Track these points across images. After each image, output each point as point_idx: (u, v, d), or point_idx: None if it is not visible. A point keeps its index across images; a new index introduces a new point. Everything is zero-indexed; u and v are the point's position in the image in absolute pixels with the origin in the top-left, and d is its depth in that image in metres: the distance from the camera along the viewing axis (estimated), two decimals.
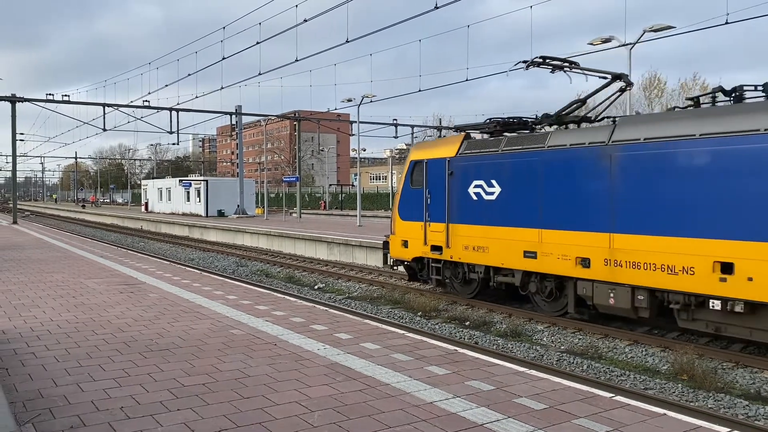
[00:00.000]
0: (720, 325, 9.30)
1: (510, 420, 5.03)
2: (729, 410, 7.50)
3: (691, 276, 9.25)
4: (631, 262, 10.06)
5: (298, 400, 5.47)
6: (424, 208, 14.23)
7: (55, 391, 5.65)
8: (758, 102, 9.37)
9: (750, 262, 8.52)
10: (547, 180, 11.48)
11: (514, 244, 12.08)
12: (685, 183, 9.41)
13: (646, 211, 9.87)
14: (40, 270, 14.59)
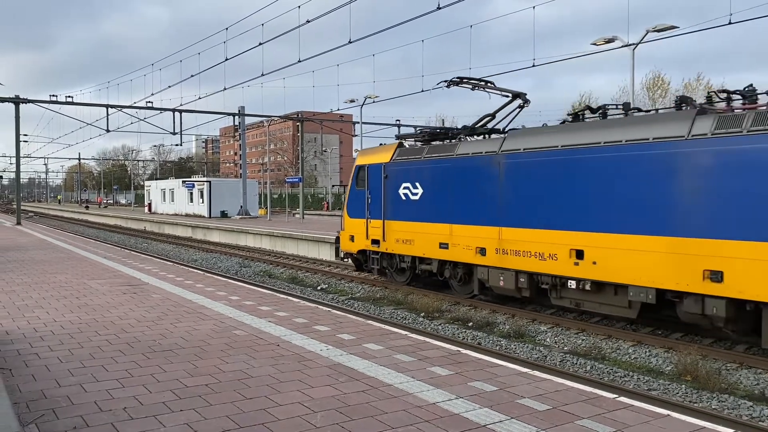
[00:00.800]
0: (578, 301, 11.45)
1: (513, 421, 5.02)
2: (733, 411, 7.47)
3: (555, 261, 11.52)
4: (514, 251, 12.33)
5: (301, 400, 5.47)
6: (366, 207, 16.34)
7: (58, 391, 5.66)
8: (600, 120, 11.78)
9: (594, 249, 10.79)
10: (456, 182, 13.64)
11: (432, 237, 14.27)
12: (550, 185, 11.58)
13: (524, 208, 12.12)
14: (43, 271, 14.62)
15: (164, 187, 59.88)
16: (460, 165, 13.60)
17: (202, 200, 49.74)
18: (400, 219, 15.21)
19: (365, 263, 16.90)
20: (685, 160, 9.66)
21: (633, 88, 26.48)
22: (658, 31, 22.43)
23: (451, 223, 13.71)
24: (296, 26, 22.15)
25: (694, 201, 9.56)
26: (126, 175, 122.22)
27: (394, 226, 15.37)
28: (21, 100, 34.43)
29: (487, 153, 12.96)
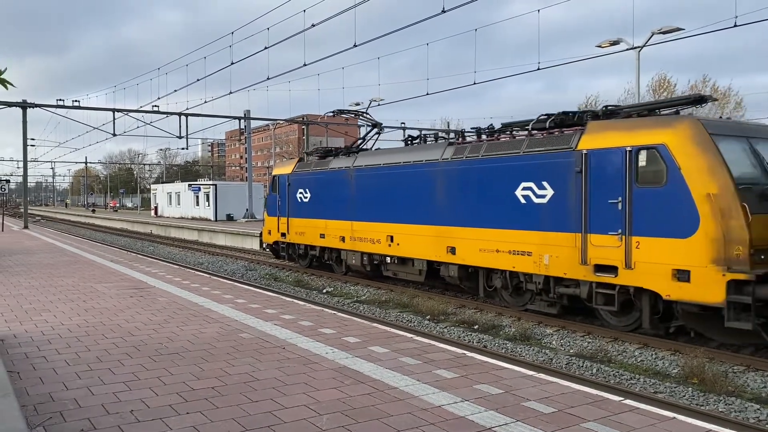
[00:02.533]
0: (395, 271, 16.03)
1: (519, 423, 5.02)
2: (740, 414, 7.44)
3: (380, 244, 16.02)
4: (360, 238, 16.80)
5: (307, 403, 5.48)
6: (277, 208, 20.95)
7: (65, 394, 5.69)
8: (408, 146, 16.66)
9: (398, 235, 15.38)
10: (328, 189, 18.27)
11: (316, 230, 18.74)
12: (377, 191, 16.15)
13: (364, 207, 16.59)
14: (50, 274, 14.69)
15: (170, 191, 60.06)
16: (331, 176, 18.23)
17: (208, 203, 49.88)
18: (297, 216, 19.79)
19: (279, 252, 21.41)
20: (439, 174, 14.20)
21: (638, 90, 26.43)
22: (663, 33, 22.40)
23: (326, 219, 18.31)
24: (302, 30, 22.23)
25: (442, 201, 14.08)
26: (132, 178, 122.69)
27: (294, 222, 19.99)
28: (28, 104, 34.60)
29: (345, 167, 17.56)
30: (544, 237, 11.64)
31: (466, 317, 12.85)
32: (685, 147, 9.64)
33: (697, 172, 9.47)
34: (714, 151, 9.46)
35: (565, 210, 11.25)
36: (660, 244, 9.80)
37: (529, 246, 11.92)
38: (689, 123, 9.93)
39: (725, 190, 9.22)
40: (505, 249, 12.42)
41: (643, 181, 10.08)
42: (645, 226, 10.01)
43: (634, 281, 10.18)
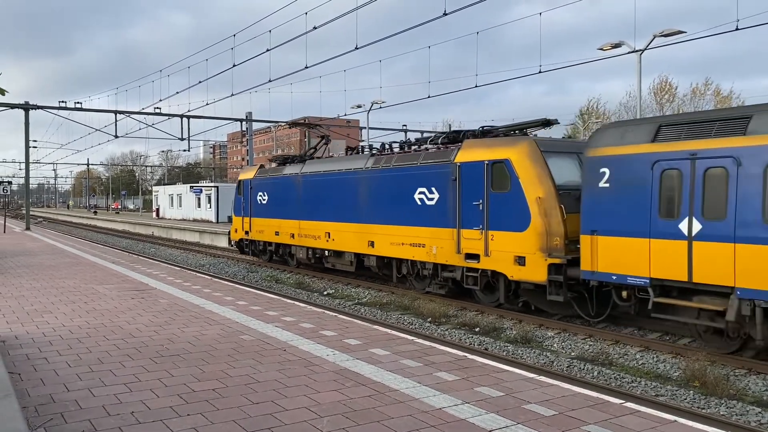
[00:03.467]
0: (333, 263, 18.42)
1: (519, 426, 5.02)
2: (741, 417, 7.43)
3: (320, 240, 18.53)
4: (305, 235, 19.31)
5: (308, 405, 5.48)
6: (242, 209, 23.51)
7: (66, 396, 5.70)
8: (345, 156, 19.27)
9: (334, 232, 17.78)
10: (281, 192, 20.78)
11: (272, 228, 21.32)
12: (318, 194, 18.62)
13: (308, 208, 19.09)
14: (52, 276, 14.71)
15: (172, 193, 60.13)
16: (284, 181, 20.73)
17: (210, 205, 49.93)
18: (258, 216, 22.31)
19: (244, 248, 23.90)
20: (362, 180, 16.75)
21: (640, 93, 26.43)
22: (665, 36, 22.39)
23: (280, 218, 20.74)
24: (303, 32, 22.25)
25: (364, 203, 16.57)
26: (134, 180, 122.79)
27: (255, 221, 22.52)
28: (30, 106, 34.66)
29: (295, 174, 20.11)
30: (433, 232, 14.34)
31: (467, 320, 12.85)
32: (523, 161, 12.24)
33: (529, 180, 12.04)
34: (542, 164, 12.05)
35: (446, 210, 13.91)
36: (506, 236, 12.48)
37: (423, 239, 14.61)
38: (527, 143, 12.53)
39: (549, 194, 11.81)
40: (408, 242, 15.12)
41: (495, 187, 12.74)
42: (497, 222, 12.68)
43: (491, 266, 12.90)
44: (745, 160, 8.91)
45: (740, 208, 8.94)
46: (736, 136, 9.12)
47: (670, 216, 9.80)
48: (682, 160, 9.67)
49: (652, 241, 9.98)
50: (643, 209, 10.11)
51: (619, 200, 10.47)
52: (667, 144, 9.92)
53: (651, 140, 10.18)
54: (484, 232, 12.86)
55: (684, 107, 47.24)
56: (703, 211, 9.40)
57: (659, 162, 9.96)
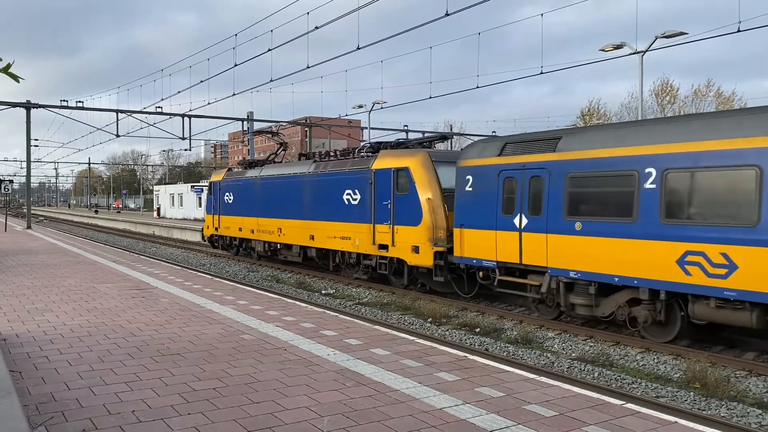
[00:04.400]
0: (284, 254, 21.12)
1: (520, 426, 5.02)
2: (742, 419, 7.43)
3: (273, 234, 21.28)
4: (262, 230, 21.97)
5: (308, 405, 5.48)
6: (212, 207, 26.27)
7: (67, 394, 5.70)
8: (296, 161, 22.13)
9: (284, 227, 20.53)
10: (244, 193, 23.52)
11: (237, 225, 24.09)
12: (272, 195, 21.24)
13: (265, 207, 21.71)
14: (53, 274, 14.72)
15: (173, 192, 60.17)
16: (246, 183, 23.45)
17: None
18: (225, 214, 25.08)
19: (215, 243, 26.73)
20: (305, 183, 19.47)
21: (641, 95, 26.43)
22: (667, 38, 22.39)
23: (243, 216, 23.43)
24: (305, 32, 22.26)
25: (307, 202, 19.20)
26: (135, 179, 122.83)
27: (223, 219, 25.30)
28: (32, 105, 34.69)
29: (255, 176, 22.82)
30: (356, 227, 16.97)
31: (467, 320, 12.85)
32: (418, 169, 15.06)
33: (422, 184, 14.87)
34: (433, 172, 14.90)
35: (366, 208, 16.63)
36: (406, 230, 15.17)
37: (349, 233, 17.24)
38: (422, 154, 15.40)
39: (436, 196, 14.65)
40: (339, 236, 17.73)
41: (399, 190, 15.48)
42: (400, 218, 15.41)
43: (396, 254, 15.62)
44: (553, 171, 11.56)
45: (550, 207, 11.60)
46: (549, 152, 11.76)
47: (509, 213, 12.45)
48: (516, 170, 12.35)
49: (498, 233, 12.69)
50: (492, 208, 12.79)
51: (478, 201, 13.15)
52: (509, 158, 12.60)
53: (498, 154, 12.87)
54: (392, 226, 15.64)
55: (686, 109, 47.21)
56: (528, 209, 12.05)
57: (503, 171, 12.65)
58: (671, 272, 9.66)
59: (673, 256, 9.64)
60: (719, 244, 9.09)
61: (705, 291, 9.31)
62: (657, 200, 9.88)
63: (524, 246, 12.00)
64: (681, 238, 9.54)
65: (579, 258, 11.03)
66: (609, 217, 10.65)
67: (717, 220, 9.19)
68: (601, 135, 11.31)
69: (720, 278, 9.09)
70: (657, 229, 9.86)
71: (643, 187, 10.08)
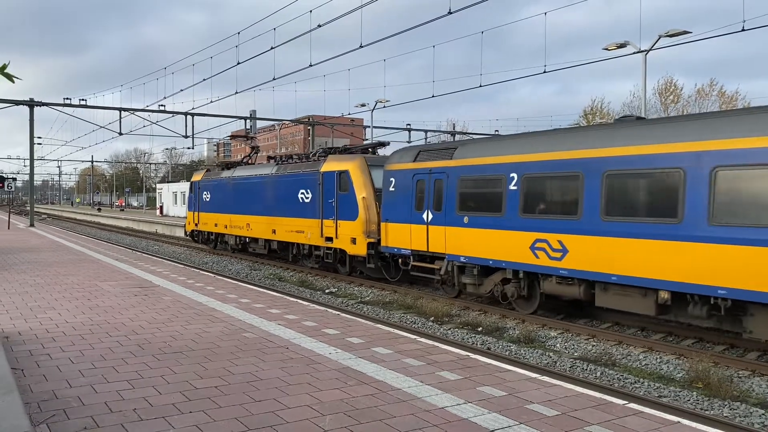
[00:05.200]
0: (252, 247, 23.51)
1: (522, 426, 5.01)
2: (745, 419, 7.40)
3: (243, 229, 23.58)
4: (233, 225, 24.49)
5: (310, 403, 5.48)
6: (193, 205, 28.86)
7: (69, 392, 5.70)
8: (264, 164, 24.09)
9: (252, 223, 22.73)
10: (218, 192, 26.02)
11: (212, 221, 26.59)
12: (242, 194, 23.50)
13: (235, 205, 24.04)
14: (55, 272, 14.74)
15: (176, 190, 60.19)
16: (221, 183, 25.95)
17: None
18: (203, 211, 27.61)
19: (195, 238, 29.34)
20: (269, 183, 21.91)
21: (645, 94, 26.36)
22: (670, 37, 22.32)
23: (218, 213, 25.96)
24: (307, 30, 22.25)
25: (270, 200, 21.64)
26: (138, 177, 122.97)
27: (202, 215, 27.83)
28: (35, 102, 34.74)
29: (228, 177, 25.37)
30: (308, 222, 19.44)
31: (470, 319, 12.83)
32: (356, 172, 17.52)
33: (359, 185, 17.31)
34: (367, 174, 17.35)
35: (316, 206, 19.08)
36: (347, 224, 17.55)
37: (303, 228, 19.73)
38: (360, 159, 17.84)
39: (369, 195, 17.03)
40: (295, 230, 20.16)
41: (341, 189, 17.87)
42: (342, 214, 17.78)
43: (339, 245, 18.06)
44: (450, 174, 14.02)
45: (447, 204, 14.01)
46: (448, 159, 14.22)
47: (420, 209, 14.82)
48: (425, 173, 14.80)
49: (412, 226, 15.07)
50: (408, 205, 15.17)
51: (398, 199, 15.54)
52: (420, 163, 15.04)
53: (413, 160, 15.34)
54: (335, 221, 18.06)
55: (689, 108, 47.08)
56: (433, 206, 14.42)
57: (416, 174, 15.07)
58: (527, 256, 12.11)
59: (527, 243, 12.09)
60: (557, 233, 11.51)
61: (548, 270, 11.73)
62: (517, 198, 12.31)
63: (430, 237, 14.57)
64: (533, 229, 11.96)
65: (466, 246, 13.52)
66: (486, 212, 13.10)
67: (556, 214, 11.64)
68: (483, 146, 13.99)
69: (557, 260, 11.54)
70: (517, 222, 12.29)
71: (508, 188, 12.56)
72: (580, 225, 11.06)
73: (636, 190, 10.48)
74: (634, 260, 10.23)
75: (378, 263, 16.92)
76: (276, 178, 21.42)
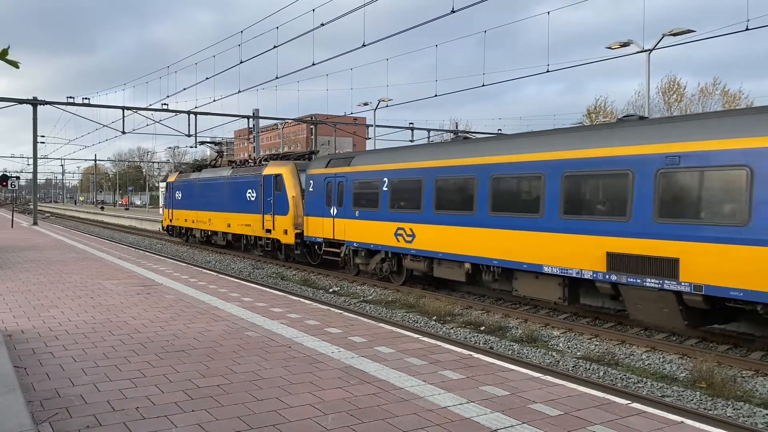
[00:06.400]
0: (214, 240, 27.64)
1: (525, 426, 4.99)
2: (748, 419, 7.38)
3: (206, 224, 27.57)
4: (199, 221, 28.36)
5: (312, 402, 5.47)
6: (168, 203, 32.67)
7: (72, 390, 5.71)
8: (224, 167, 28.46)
9: (213, 219, 26.86)
10: (188, 191, 29.61)
11: (183, 216, 30.21)
12: (205, 193, 27.76)
13: (200, 203, 28.05)
14: (59, 271, 14.76)
15: None
16: (189, 183, 29.88)
17: None
18: (176, 209, 31.35)
19: (170, 233, 32.96)
20: (225, 184, 25.79)
21: (648, 93, 26.31)
22: (674, 36, 22.26)
23: (187, 210, 29.85)
24: (311, 29, 22.24)
25: (226, 199, 25.18)
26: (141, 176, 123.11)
27: (174, 212, 31.59)
28: (39, 101, 34.80)
29: (194, 179, 29.47)
30: (254, 217, 23.16)
31: (472, 318, 12.82)
32: (287, 175, 21.40)
33: (289, 186, 21.16)
34: (297, 177, 21.18)
35: (259, 203, 22.77)
36: (281, 218, 21.36)
37: (250, 221, 23.54)
38: (291, 165, 21.74)
39: (297, 194, 20.80)
40: (244, 223, 24.05)
41: (276, 190, 21.68)
42: (278, 210, 21.57)
43: (275, 236, 21.83)
44: (348, 178, 17.72)
45: (345, 201, 17.72)
46: (347, 166, 17.91)
47: (329, 206, 18.39)
48: (332, 177, 18.40)
49: (324, 219, 18.65)
50: (322, 202, 18.77)
51: (315, 198, 19.16)
52: (330, 169, 18.65)
53: (325, 166, 18.91)
54: (273, 216, 21.83)
55: (692, 107, 46.99)
56: (337, 203, 18.05)
57: (326, 178, 18.70)
58: (393, 241, 15.99)
59: (392, 231, 15.97)
60: (409, 223, 15.36)
61: (405, 251, 15.64)
62: (387, 197, 16.19)
63: (336, 227, 18.20)
64: (395, 220, 15.87)
65: (357, 234, 17.34)
66: (370, 208, 16.83)
67: (408, 209, 15.42)
68: (370, 156, 18.02)
69: (409, 243, 15.40)
70: (387, 215, 16.19)
71: (382, 189, 16.38)
72: (423, 217, 14.93)
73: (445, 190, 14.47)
74: (453, 242, 14.01)
75: (303, 250, 20.55)
76: (231, 180, 25.44)
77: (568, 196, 11.48)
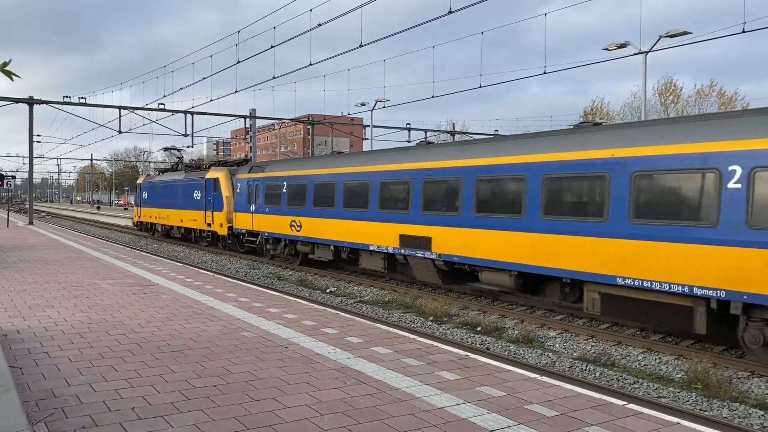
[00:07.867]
0: (173, 233, 32.05)
1: (521, 426, 5.00)
2: (744, 420, 7.40)
3: (166, 220, 32.39)
4: (161, 217, 33.15)
5: (309, 403, 5.47)
6: (137, 202, 37.41)
7: (67, 390, 5.69)
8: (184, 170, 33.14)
9: (170, 215, 31.92)
10: (153, 192, 34.49)
11: (154, 214, 34.02)
12: (165, 193, 32.47)
13: (162, 201, 33.07)
14: (54, 270, 14.72)
15: None
16: (153, 185, 34.14)
17: None
18: (143, 207, 35.76)
19: (141, 229, 36.89)
20: (179, 185, 30.62)
21: (645, 95, 26.37)
22: (670, 37, 22.32)
23: (151, 207, 34.10)
24: (308, 29, 22.24)
25: (180, 198, 30.08)
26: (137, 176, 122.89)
27: (143, 210, 35.91)
28: (34, 101, 34.71)
29: (157, 181, 33.84)
30: (199, 213, 27.57)
31: (469, 319, 12.82)
32: (222, 179, 25.75)
33: (224, 188, 25.45)
34: (230, 181, 25.22)
35: (203, 202, 27.22)
36: (218, 214, 25.80)
37: (197, 217, 27.77)
38: (226, 170, 26.07)
39: (230, 195, 25.04)
40: (193, 219, 28.36)
41: (215, 191, 26.12)
42: (215, 208, 25.99)
43: (214, 229, 26.30)
44: (262, 182, 22.18)
45: (260, 200, 22.01)
46: (262, 172, 22.22)
47: (250, 204, 22.77)
48: (252, 181, 22.76)
49: (246, 214, 23.11)
50: (245, 201, 23.16)
51: (241, 197, 23.60)
52: (251, 174, 23.03)
53: (248, 172, 23.26)
54: (212, 212, 26.37)
55: (689, 109, 47.09)
56: (255, 202, 22.45)
57: (248, 181, 22.87)
58: (288, 230, 20.37)
59: (288, 222, 20.25)
60: (299, 216, 19.67)
61: (298, 238, 19.98)
62: (286, 197, 20.63)
63: (254, 221, 22.58)
64: (291, 214, 20.11)
65: (268, 225, 21.69)
66: (275, 205, 21.19)
67: (297, 207, 19.84)
68: (278, 165, 22.40)
69: (298, 231, 19.84)
70: (286, 211, 20.42)
71: (283, 191, 20.79)
72: (306, 212, 19.38)
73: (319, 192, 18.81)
74: (322, 230, 18.51)
75: (233, 240, 25.31)
76: (183, 182, 30.05)
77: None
